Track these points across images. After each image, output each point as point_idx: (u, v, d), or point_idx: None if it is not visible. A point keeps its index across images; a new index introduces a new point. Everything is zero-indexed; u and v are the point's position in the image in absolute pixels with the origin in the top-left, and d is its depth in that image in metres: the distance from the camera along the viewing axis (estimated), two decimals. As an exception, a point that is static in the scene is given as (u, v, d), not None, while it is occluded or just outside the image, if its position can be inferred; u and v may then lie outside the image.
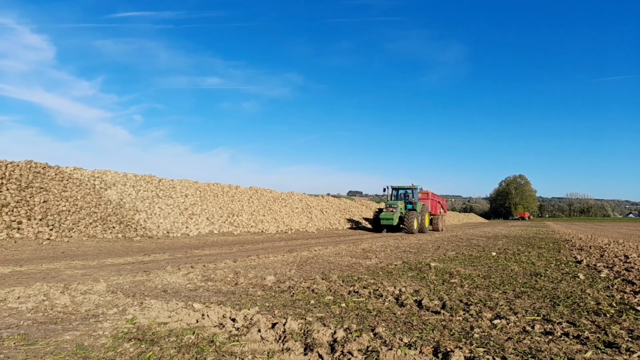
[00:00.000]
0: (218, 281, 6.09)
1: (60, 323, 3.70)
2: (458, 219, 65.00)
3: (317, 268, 7.79)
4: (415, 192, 25.92)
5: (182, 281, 6.01)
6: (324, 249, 11.75)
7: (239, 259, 8.88)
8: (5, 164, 14.39)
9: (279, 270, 7.28)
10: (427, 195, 27.96)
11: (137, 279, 6.12)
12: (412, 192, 25.86)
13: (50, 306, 4.24)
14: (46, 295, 4.63)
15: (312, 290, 5.42)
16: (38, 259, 8.69)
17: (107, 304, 4.39)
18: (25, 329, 3.49)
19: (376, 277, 6.55)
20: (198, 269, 7.17)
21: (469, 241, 15.93)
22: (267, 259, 9.17)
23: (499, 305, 4.67)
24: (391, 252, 11.17)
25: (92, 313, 4.03)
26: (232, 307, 4.29)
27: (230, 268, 7.46)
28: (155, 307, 4.18)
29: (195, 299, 4.83)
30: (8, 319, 3.77)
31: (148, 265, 8.01)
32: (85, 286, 5.21)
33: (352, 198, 43.68)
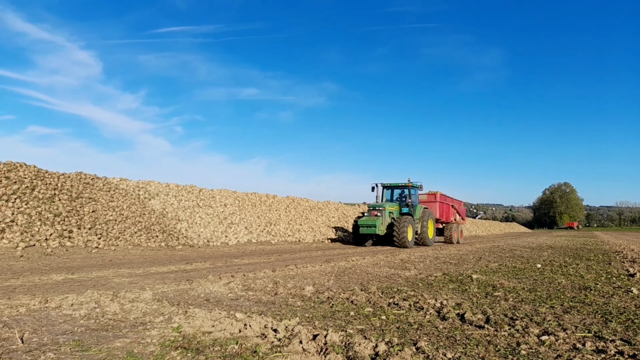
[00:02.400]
0: (258, 291, 6.18)
1: (111, 330, 3.86)
2: (499, 228, 63.08)
3: (355, 279, 7.76)
4: (414, 192, 20.18)
5: (224, 290, 6.13)
6: (362, 259, 11.69)
7: (278, 269, 8.97)
8: (57, 176, 15.21)
9: (317, 281, 7.30)
10: (434, 196, 22.37)
11: (180, 288, 6.30)
12: (408, 191, 19.73)
13: (101, 313, 4.43)
14: (97, 303, 4.85)
15: (351, 301, 5.40)
16: (88, 266, 9.10)
17: (153, 312, 4.55)
18: (79, 335, 3.66)
19: (416, 289, 6.46)
20: (238, 278, 7.30)
21: (512, 252, 15.42)
22: (305, 268, 9.22)
23: (547, 320, 4.50)
24: (430, 263, 10.97)
25: (140, 321, 4.18)
26: (273, 318, 4.34)
27: (270, 278, 7.55)
28: (199, 316, 4.29)
29: (237, 308, 4.92)
30: (63, 325, 3.97)
31: (190, 274, 8.22)
32: (133, 294, 5.41)
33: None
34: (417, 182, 20.08)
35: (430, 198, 22.50)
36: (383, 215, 18.37)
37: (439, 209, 22.26)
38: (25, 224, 11.94)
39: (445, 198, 23.60)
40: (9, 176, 13.62)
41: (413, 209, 19.44)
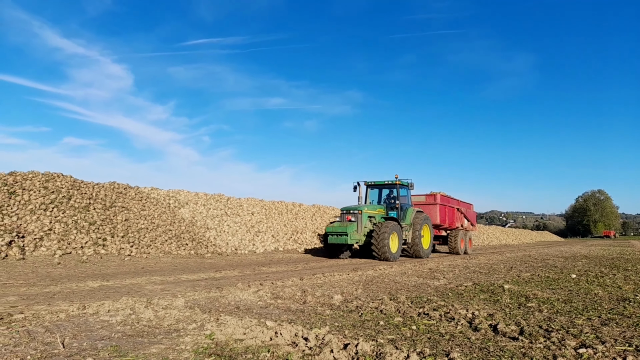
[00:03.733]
0: (287, 299, 6.22)
1: (146, 336, 3.96)
2: (530, 237, 61.41)
3: (383, 288, 7.71)
4: (405, 192, 16.92)
5: (253, 298, 6.20)
6: (389, 268, 11.60)
7: (305, 277, 9.00)
8: (92, 185, 15.73)
9: (345, 290, 7.29)
10: (433, 198, 18.94)
11: (211, 295, 6.40)
12: (396, 190, 16.45)
13: (137, 320, 4.55)
14: (132, 309, 4.98)
15: (380, 310, 5.38)
16: (121, 274, 9.35)
17: (186, 319, 4.64)
18: (117, 341, 3.78)
19: (446, 299, 6.37)
20: (267, 287, 7.36)
21: (545, 261, 15.00)
22: (332, 277, 9.21)
23: (584, 332, 4.37)
24: (460, 272, 10.79)
25: (174, 328, 4.28)
26: (303, 326, 4.37)
27: (298, 286, 7.58)
28: (230, 323, 4.36)
29: (267, 316, 4.97)
30: (101, 331, 4.10)
31: (220, 281, 8.34)
32: (166, 301, 5.54)
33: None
34: (407, 179, 16.73)
35: (429, 200, 19.19)
36: (359, 221, 14.77)
37: (440, 213, 18.92)
38: (62, 232, 12.37)
39: (449, 200, 20.25)
40: (47, 186, 14.17)
41: (402, 212, 16.26)
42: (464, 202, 22.23)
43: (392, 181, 16.42)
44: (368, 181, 16.80)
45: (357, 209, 15.07)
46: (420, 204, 18.72)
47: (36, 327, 4.13)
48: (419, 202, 18.99)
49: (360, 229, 14.86)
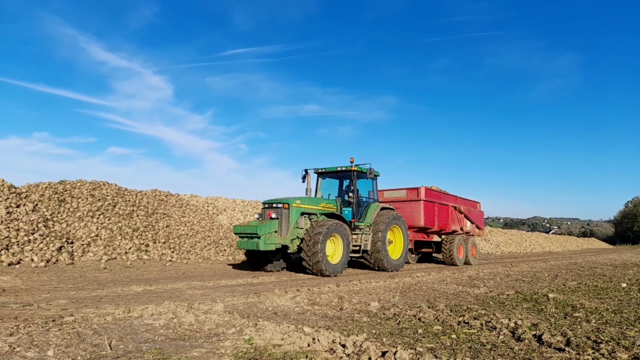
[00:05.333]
0: (323, 305, 6.23)
1: (187, 340, 4.07)
2: (576, 244, 58.80)
3: (421, 295, 7.59)
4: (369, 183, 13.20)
5: (290, 304, 6.24)
6: (427, 275, 11.41)
7: (342, 284, 8.98)
8: (135, 193, 16.35)
9: (382, 297, 7.23)
10: (416, 193, 14.99)
11: (249, 301, 6.50)
12: (352, 180, 12.49)
13: (178, 324, 4.68)
14: (174, 314, 5.13)
15: (418, 318, 5.30)
16: (163, 278, 9.63)
17: (225, 323, 4.73)
18: (160, 344, 3.90)
19: (487, 308, 6.19)
20: (304, 293, 7.40)
21: (592, 270, 14.32)
22: (369, 284, 9.15)
23: (637, 345, 4.14)
24: (501, 280, 10.48)
25: (214, 332, 4.37)
26: (341, 333, 4.36)
27: (334, 292, 7.57)
28: (268, 328, 4.41)
29: (304, 322, 5.00)
30: (145, 334, 4.24)
31: (257, 287, 8.45)
32: (206, 306, 5.67)
33: (453, 221, 41.83)
34: (366, 164, 12.49)
35: (411, 195, 15.15)
36: (284, 218, 10.82)
37: (425, 212, 14.85)
38: (107, 239, 12.90)
39: (440, 196, 16.29)
40: (93, 194, 14.84)
41: (361, 209, 12.56)
42: (464, 199, 18.25)
43: (346, 167, 12.47)
44: (319, 168, 13.10)
45: (283, 202, 10.94)
46: (399, 201, 15.21)
47: (85, 329, 4.33)
48: (398, 198, 15.43)
49: (286, 229, 10.80)
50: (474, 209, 18.86)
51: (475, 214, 18.73)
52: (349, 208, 12.49)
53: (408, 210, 14.95)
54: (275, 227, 10.79)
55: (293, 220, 10.99)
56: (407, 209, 14.97)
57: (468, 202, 18.56)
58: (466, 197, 18.43)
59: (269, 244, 10.45)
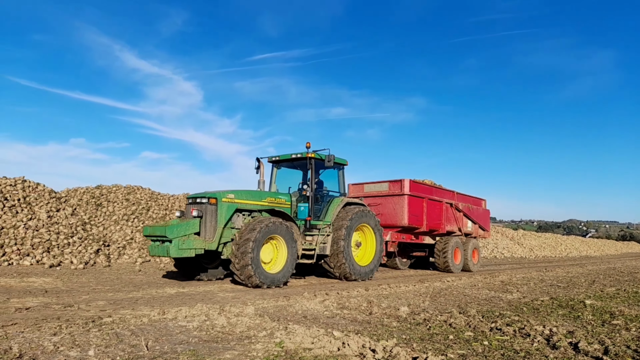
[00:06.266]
0: (353, 309, 6.24)
1: (220, 342, 4.17)
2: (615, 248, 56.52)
3: (452, 300, 7.49)
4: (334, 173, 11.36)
5: (319, 308, 6.28)
6: (458, 279, 11.24)
7: (371, 288, 8.96)
8: (168, 197, 16.79)
9: (412, 301, 7.18)
10: (399, 187, 12.84)
11: (279, 304, 6.58)
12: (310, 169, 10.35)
13: (211, 326, 4.79)
14: (207, 316, 5.25)
15: (449, 324, 5.24)
16: (195, 281, 9.84)
17: (256, 326, 4.81)
18: (194, 346, 4.00)
19: (520, 314, 6.06)
20: (332, 297, 7.43)
21: (632, 275, 13.77)
22: (398, 288, 9.10)
23: (680, 355, 3.98)
24: (535, 285, 10.22)
25: (245, 335, 4.46)
26: (370, 337, 4.37)
27: (363, 297, 7.57)
28: (298, 332, 4.46)
29: (334, 326, 5.02)
30: (179, 336, 4.36)
31: (287, 290, 8.53)
32: (237, 309, 5.77)
33: (484, 224, 40.99)
34: (324, 149, 10.42)
35: (394, 189, 13.00)
36: (208, 215, 8.81)
37: (410, 209, 12.61)
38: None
39: (431, 191, 14.00)
40: (128, 198, 15.33)
41: (321, 204, 10.61)
42: (465, 195, 15.90)
43: (301, 154, 10.48)
44: (274, 156, 11.15)
45: (209, 196, 8.90)
46: (381, 196, 13.21)
47: (123, 330, 4.49)
48: (379, 192, 13.37)
49: (212, 230, 8.77)
50: (477, 207, 16.48)
51: (479, 213, 16.41)
52: (305, 203, 10.27)
53: (390, 207, 12.86)
54: (194, 227, 8.55)
55: (223, 218, 8.80)
56: (389, 205, 12.91)
57: (469, 199, 16.09)
58: (467, 194, 16.07)
59: (184, 250, 8.18)
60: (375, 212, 12.42)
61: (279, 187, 11.36)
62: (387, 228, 12.67)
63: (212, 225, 8.83)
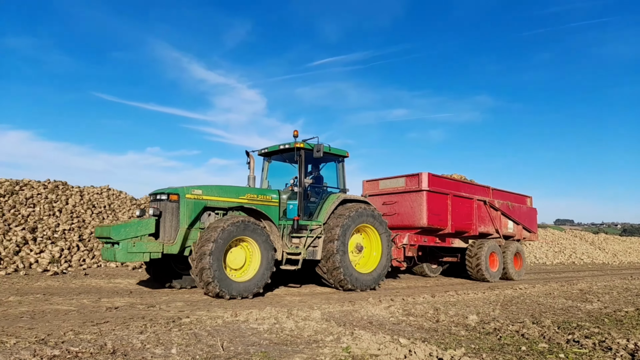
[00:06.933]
0: (419, 316, 6.19)
1: (289, 345, 4.34)
2: None
3: (524, 309, 7.19)
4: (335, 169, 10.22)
5: (385, 314, 6.30)
6: (531, 287, 10.72)
7: (437, 294, 8.80)
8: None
9: (481, 309, 6.98)
10: (417, 181, 11.47)
11: (344, 309, 6.68)
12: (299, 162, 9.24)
13: (280, 329, 5.00)
14: (276, 319, 5.47)
15: (522, 334, 5.06)
16: (263, 284, 10.22)
17: (323, 331, 4.95)
18: (265, 348, 4.21)
19: (601, 326, 5.70)
20: (398, 303, 7.40)
21: None
22: (466, 295, 8.86)
23: None
24: (619, 294, 9.50)
25: (313, 339, 4.60)
26: (437, 346, 4.34)
27: (430, 303, 7.47)
28: (364, 338, 4.53)
29: (400, 333, 5.03)
30: (251, 337, 4.60)
31: (351, 295, 8.62)
32: (304, 312, 5.95)
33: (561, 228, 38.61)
34: (312, 137, 9.35)
35: (410, 184, 11.64)
36: (168, 215, 7.81)
37: (429, 207, 11.23)
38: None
39: (457, 186, 12.42)
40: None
41: (318, 202, 9.47)
42: (504, 191, 14.01)
43: (289, 144, 9.40)
44: (263, 148, 10.09)
45: (170, 192, 7.92)
46: (397, 193, 11.92)
47: (200, 330, 4.81)
48: (395, 189, 12.05)
49: (173, 231, 7.77)
50: (521, 205, 14.62)
51: (522, 212, 14.53)
52: (293, 201, 9.20)
53: (407, 205, 11.58)
54: (148, 227, 7.52)
55: (187, 217, 7.77)
56: (405, 203, 11.63)
57: (509, 196, 14.30)
58: (507, 190, 14.35)
59: (135, 254, 7.19)
60: (391, 211, 11.65)
61: (273, 183, 10.20)
62: (404, 229, 11.57)
63: (173, 225, 7.78)
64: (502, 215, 13.56)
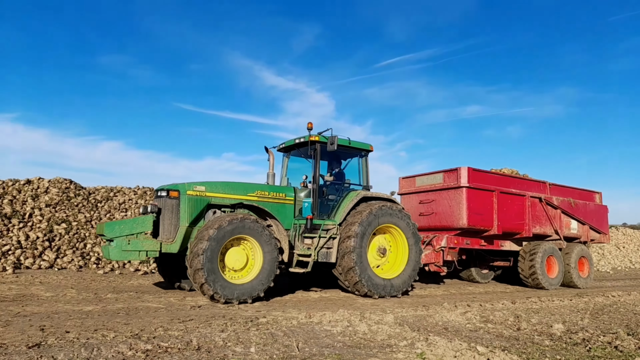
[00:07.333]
0: (498, 324, 5.94)
1: (363, 348, 4.37)
2: None
3: (617, 319, 6.62)
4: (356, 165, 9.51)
5: (461, 320, 6.12)
6: (626, 295, 9.82)
7: (518, 300, 8.37)
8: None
9: (567, 318, 6.53)
10: (455, 176, 10.50)
11: (418, 313, 6.58)
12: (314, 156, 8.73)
13: (353, 332, 5.04)
14: (349, 322, 5.53)
15: (614, 346, 4.67)
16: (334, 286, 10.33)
17: (397, 335, 4.92)
18: (339, 350, 4.28)
19: None
20: (475, 309, 7.15)
21: None
22: (550, 302, 8.34)
23: None
24: None
25: (387, 343, 4.60)
26: (519, 356, 4.15)
27: (510, 310, 7.13)
28: (440, 344, 4.44)
29: (477, 340, 4.87)
30: (325, 339, 4.69)
31: (425, 299, 8.45)
32: (377, 316, 5.95)
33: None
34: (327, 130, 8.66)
35: (449, 180, 10.67)
36: (167, 213, 7.57)
37: (469, 206, 10.17)
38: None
39: (505, 181, 11.27)
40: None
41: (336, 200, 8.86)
42: (563, 186, 12.49)
43: (304, 138, 8.84)
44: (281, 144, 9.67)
45: (170, 188, 7.65)
46: (434, 190, 10.95)
47: (276, 330, 4.99)
48: (433, 186, 11.05)
49: (173, 229, 7.50)
50: (587, 202, 12.85)
51: (589, 210, 12.71)
52: (308, 199, 8.73)
53: (445, 204, 10.58)
54: (145, 225, 7.33)
55: (187, 215, 7.48)
56: (443, 202, 10.64)
57: (572, 192, 12.59)
58: (570, 185, 12.72)
59: (130, 252, 7.01)
60: (428, 210, 10.83)
61: (292, 180, 9.69)
62: (443, 230, 10.67)
63: (172, 222, 7.49)
64: (563, 214, 12.09)
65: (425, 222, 10.89)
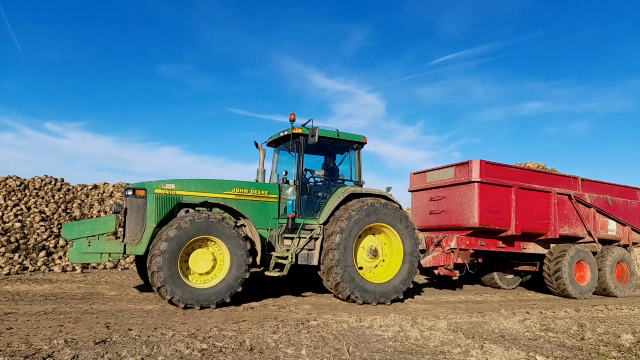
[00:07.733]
0: (559, 333, 5.63)
1: (414, 355, 4.30)
2: None
3: (698, 331, 6.07)
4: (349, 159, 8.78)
5: (519, 328, 5.86)
6: None
7: (582, 308, 7.90)
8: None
9: (637, 328, 6.09)
10: (467, 170, 9.43)
11: (473, 320, 6.37)
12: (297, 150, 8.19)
13: (405, 337, 4.97)
14: (400, 327, 5.46)
15: (693, 362, 4.30)
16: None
17: (450, 342, 4.79)
18: (389, 356, 4.23)
19: None
20: (534, 316, 6.82)
21: None
22: (619, 311, 7.81)
23: None
24: None
25: (439, 350, 4.49)
26: (582, 367, 3.91)
27: (573, 318, 6.74)
28: (496, 353, 4.28)
29: (536, 350, 4.64)
30: (376, 344, 4.66)
31: (481, 305, 8.17)
32: (429, 322, 5.83)
33: None
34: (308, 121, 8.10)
35: (460, 175, 9.69)
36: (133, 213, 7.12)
37: (480, 204, 9.20)
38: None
39: (526, 175, 10.11)
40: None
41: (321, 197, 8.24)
42: (598, 182, 11.15)
43: (287, 130, 8.24)
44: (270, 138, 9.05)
45: (136, 187, 7.19)
46: (445, 186, 10.01)
47: (327, 333, 5.01)
48: (444, 181, 10.14)
49: (139, 230, 7.03)
50: (628, 200, 11.37)
51: (631, 209, 11.33)
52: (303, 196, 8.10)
53: (456, 200, 9.66)
54: (107, 226, 7.00)
55: (155, 215, 6.98)
56: (454, 199, 9.71)
57: (609, 188, 11.24)
58: (606, 181, 11.32)
59: (90, 254, 6.66)
60: (439, 208, 9.98)
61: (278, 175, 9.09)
62: (453, 230, 9.75)
63: (138, 223, 7.03)
64: (598, 213, 10.73)
65: (435, 221, 10.12)
